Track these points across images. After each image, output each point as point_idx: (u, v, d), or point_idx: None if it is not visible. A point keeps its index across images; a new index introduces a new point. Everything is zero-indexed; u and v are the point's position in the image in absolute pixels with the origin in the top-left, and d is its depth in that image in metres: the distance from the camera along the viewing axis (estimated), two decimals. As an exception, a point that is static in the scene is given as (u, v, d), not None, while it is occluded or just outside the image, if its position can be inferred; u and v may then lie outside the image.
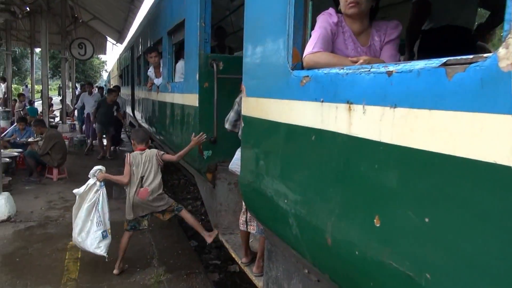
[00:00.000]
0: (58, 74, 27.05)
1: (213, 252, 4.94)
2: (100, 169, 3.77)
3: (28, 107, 13.72)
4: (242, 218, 3.24)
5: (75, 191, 3.74)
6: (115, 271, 3.72)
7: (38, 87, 20.42)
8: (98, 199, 3.70)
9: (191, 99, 4.26)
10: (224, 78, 3.94)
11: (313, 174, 1.82)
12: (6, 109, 13.34)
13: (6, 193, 5.32)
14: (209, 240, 3.90)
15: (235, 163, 3.26)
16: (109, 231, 3.75)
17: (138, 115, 9.80)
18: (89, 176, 3.75)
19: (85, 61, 27.81)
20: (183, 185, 8.34)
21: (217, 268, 4.52)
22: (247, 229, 3.19)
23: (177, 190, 7.93)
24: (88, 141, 10.63)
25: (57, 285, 3.50)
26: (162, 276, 3.74)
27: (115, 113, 9.65)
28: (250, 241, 3.44)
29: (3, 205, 5.13)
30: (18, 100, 13.60)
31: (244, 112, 2.69)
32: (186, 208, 6.67)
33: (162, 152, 4.00)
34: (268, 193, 2.27)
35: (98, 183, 3.73)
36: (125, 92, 14.19)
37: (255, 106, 2.48)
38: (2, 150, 5.76)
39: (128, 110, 11.89)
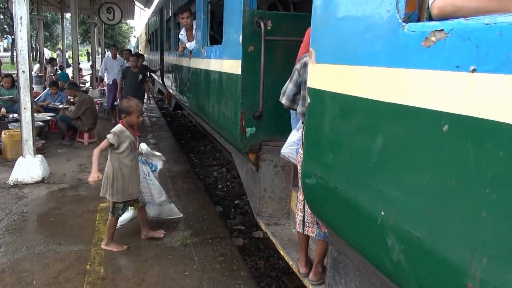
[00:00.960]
0: (88, 39, 27.34)
1: (238, 218, 5.01)
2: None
3: (60, 72, 14.02)
4: (298, 217, 2.68)
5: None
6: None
7: (69, 53, 20.77)
8: (148, 172, 3.98)
9: (232, 66, 3.69)
10: (273, 40, 3.40)
11: (445, 180, 1.21)
12: (39, 74, 13.69)
13: (40, 156, 5.52)
14: (157, 235, 3.83)
15: (289, 148, 2.85)
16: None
17: (167, 82, 9.41)
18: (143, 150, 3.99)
19: (114, 26, 27.90)
20: (209, 151, 8.42)
21: (242, 233, 4.59)
22: (303, 231, 2.64)
23: (203, 156, 8.03)
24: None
25: (88, 244, 3.65)
26: (187, 240, 3.83)
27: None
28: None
29: (38, 167, 5.34)
30: (50, 65, 13.92)
31: (312, 83, 2.10)
32: (212, 174, 6.78)
33: None
34: (347, 195, 1.77)
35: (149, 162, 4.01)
36: (153, 58, 14.15)
37: (332, 77, 1.88)
38: (35, 114, 5.93)
39: (157, 77, 11.81)
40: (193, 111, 6.36)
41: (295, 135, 2.85)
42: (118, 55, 10.62)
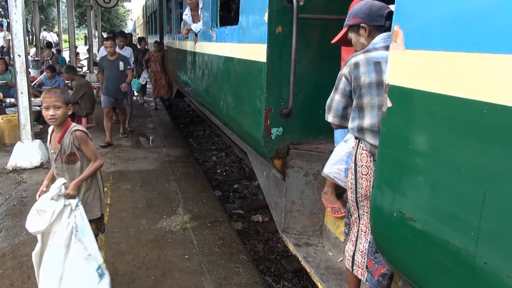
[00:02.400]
0: (85, 23, 27.00)
1: (237, 202, 5.04)
2: (63, 183, 2.31)
3: (60, 56, 13.87)
4: (348, 251, 2.16)
5: (30, 229, 2.28)
6: None
7: (65, 37, 20.51)
8: (76, 225, 2.31)
9: (254, 51, 3.04)
10: (307, 19, 2.77)
11: None
12: (36, 58, 13.56)
13: (38, 141, 5.51)
14: None
15: (335, 167, 2.49)
16: (104, 266, 2.44)
17: (168, 68, 8.98)
18: (50, 200, 2.27)
19: (110, 9, 27.50)
20: (208, 135, 8.41)
21: (241, 217, 4.62)
22: (352, 269, 2.12)
23: (202, 141, 8.02)
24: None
25: (88, 229, 3.67)
26: (187, 224, 3.86)
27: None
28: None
29: (36, 152, 5.33)
30: (48, 49, 13.75)
31: (396, 79, 1.51)
32: (211, 159, 6.79)
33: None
34: (459, 247, 1.23)
35: (71, 201, 2.32)
36: (153, 41, 13.91)
37: (440, 71, 1.28)
38: (32, 99, 5.89)
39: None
40: (199, 101, 5.80)
41: (343, 150, 2.48)
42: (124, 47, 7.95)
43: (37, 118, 6.70)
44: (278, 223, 3.23)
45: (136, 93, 10.61)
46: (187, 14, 5.46)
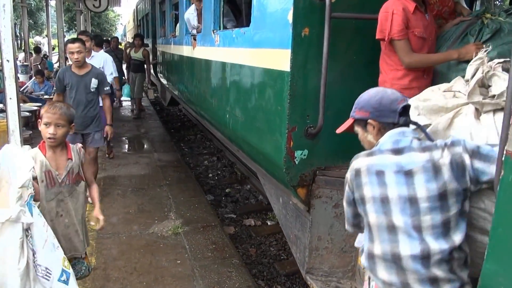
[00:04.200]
0: (74, 27, 26.83)
1: (229, 206, 5.03)
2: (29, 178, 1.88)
3: (48, 61, 13.74)
4: None
5: None
6: None
7: (54, 42, 20.32)
8: (28, 232, 1.80)
9: (274, 58, 2.59)
10: (341, 19, 2.36)
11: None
12: (25, 63, 13.43)
13: (27, 147, 5.43)
14: None
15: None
16: (68, 267, 2.03)
17: (162, 74, 8.69)
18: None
19: (100, 13, 27.40)
20: (200, 140, 8.39)
21: (233, 221, 4.61)
22: None
23: (193, 145, 8.00)
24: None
25: (79, 235, 3.64)
26: (179, 228, 3.84)
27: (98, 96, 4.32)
28: None
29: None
30: (37, 54, 13.59)
31: None
32: (203, 163, 6.76)
33: None
34: None
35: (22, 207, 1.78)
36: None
37: None
38: (21, 104, 5.82)
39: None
40: (197, 112, 5.28)
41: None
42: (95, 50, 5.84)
43: (26, 124, 6.63)
44: (300, 261, 2.77)
45: (128, 100, 10.36)
46: (193, 14, 4.91)
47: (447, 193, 1.36)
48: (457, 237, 1.37)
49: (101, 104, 4.31)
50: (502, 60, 1.67)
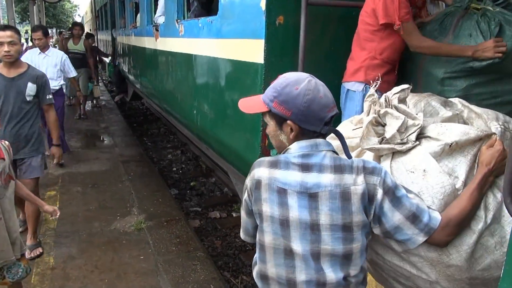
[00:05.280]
0: (27, 18, 25.51)
1: (194, 199, 4.99)
2: None
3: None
4: None
5: None
6: None
7: (6, 33, 19.25)
8: None
9: (245, 50, 2.44)
10: (318, 6, 2.23)
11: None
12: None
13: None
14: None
15: None
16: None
17: (123, 68, 8.22)
18: None
19: (55, 4, 26.22)
20: (163, 134, 8.25)
21: (198, 214, 4.58)
22: None
23: (157, 139, 7.85)
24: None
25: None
26: (142, 224, 3.77)
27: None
28: None
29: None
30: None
31: None
32: (167, 157, 6.66)
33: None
34: None
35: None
36: (102, 38, 13.12)
37: None
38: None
39: (107, 59, 10.84)
40: (162, 107, 5.10)
41: None
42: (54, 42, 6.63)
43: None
44: None
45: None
46: None
47: (352, 225, 1.20)
48: (357, 267, 1.24)
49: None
50: (399, 89, 1.48)
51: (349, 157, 1.28)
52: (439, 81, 2.15)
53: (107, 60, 11.20)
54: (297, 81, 1.24)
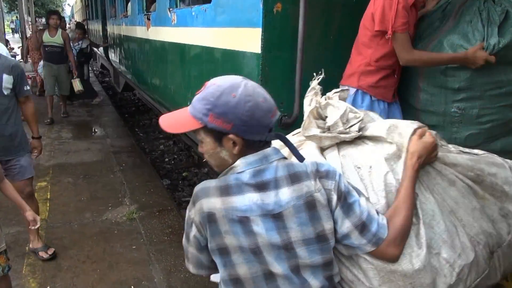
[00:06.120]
0: (16, 8, 25.06)
1: (186, 190, 4.99)
2: None
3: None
4: None
5: None
6: None
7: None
8: None
9: (242, 39, 2.37)
10: None
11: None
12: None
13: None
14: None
15: None
16: None
17: (114, 58, 8.05)
18: None
19: (45, -7, 25.79)
20: (155, 124, 8.20)
21: (190, 205, 4.59)
22: None
23: (149, 130, 7.82)
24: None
25: (26, 226, 3.48)
26: (134, 214, 3.77)
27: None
28: None
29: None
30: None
31: None
32: (159, 148, 6.63)
33: None
34: None
35: None
36: (93, 28, 12.96)
37: None
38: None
39: (99, 50, 10.63)
40: (154, 99, 5.05)
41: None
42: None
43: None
44: None
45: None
46: None
47: (326, 233, 1.11)
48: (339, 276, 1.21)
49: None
50: (339, 90, 1.50)
51: (301, 159, 1.16)
52: (442, 71, 2.14)
53: (98, 51, 11.07)
54: (232, 87, 1.07)
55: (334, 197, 1.12)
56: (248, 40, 2.30)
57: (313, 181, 1.11)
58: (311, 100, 1.47)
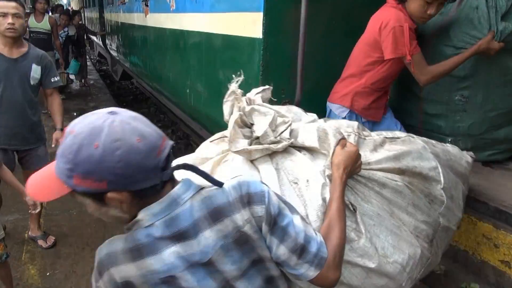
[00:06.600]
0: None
1: (185, 178, 4.98)
2: None
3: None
4: None
5: None
6: None
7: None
8: None
9: (243, 24, 2.32)
10: None
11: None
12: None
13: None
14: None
15: None
16: None
17: (111, 46, 7.96)
18: None
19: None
20: (153, 113, 8.17)
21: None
22: None
23: (147, 118, 7.77)
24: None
25: (26, 213, 3.46)
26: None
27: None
28: None
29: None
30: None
31: None
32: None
33: None
34: None
35: None
36: (90, 15, 12.80)
37: None
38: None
39: (96, 38, 10.50)
40: (153, 87, 5.02)
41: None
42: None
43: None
44: None
45: (73, 77, 9.72)
46: None
47: (262, 258, 0.99)
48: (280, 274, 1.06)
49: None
50: (261, 89, 1.38)
51: (219, 184, 0.96)
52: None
53: (96, 39, 10.96)
54: (92, 135, 0.81)
55: (265, 224, 0.96)
56: (249, 25, 2.24)
57: (238, 213, 0.93)
58: (232, 106, 1.32)
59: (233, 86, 1.34)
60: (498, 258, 1.87)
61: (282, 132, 1.25)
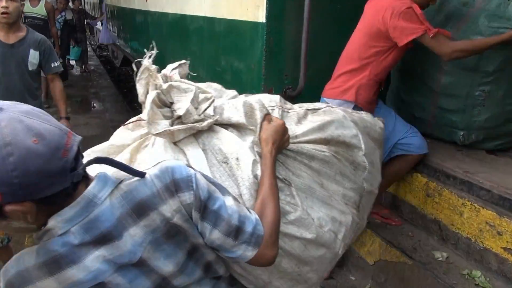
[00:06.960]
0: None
1: (186, 165, 4.99)
2: None
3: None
4: None
5: None
6: None
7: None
8: None
9: (245, 8, 2.26)
10: None
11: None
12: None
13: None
14: None
15: None
16: None
17: (113, 32, 7.89)
18: None
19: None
20: (154, 100, 8.15)
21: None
22: None
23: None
24: None
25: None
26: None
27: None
28: None
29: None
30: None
31: None
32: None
33: None
34: None
35: None
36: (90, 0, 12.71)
37: None
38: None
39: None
40: None
41: None
42: None
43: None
44: None
45: (74, 63, 9.64)
46: None
47: (197, 245, 0.94)
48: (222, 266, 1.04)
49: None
50: (177, 64, 1.28)
51: (141, 174, 0.87)
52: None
53: (97, 25, 10.86)
54: None
55: (194, 211, 0.89)
56: (252, 8, 2.20)
57: (165, 204, 0.85)
58: (147, 84, 1.19)
59: (146, 62, 1.19)
60: (500, 245, 1.87)
61: (205, 110, 1.15)
